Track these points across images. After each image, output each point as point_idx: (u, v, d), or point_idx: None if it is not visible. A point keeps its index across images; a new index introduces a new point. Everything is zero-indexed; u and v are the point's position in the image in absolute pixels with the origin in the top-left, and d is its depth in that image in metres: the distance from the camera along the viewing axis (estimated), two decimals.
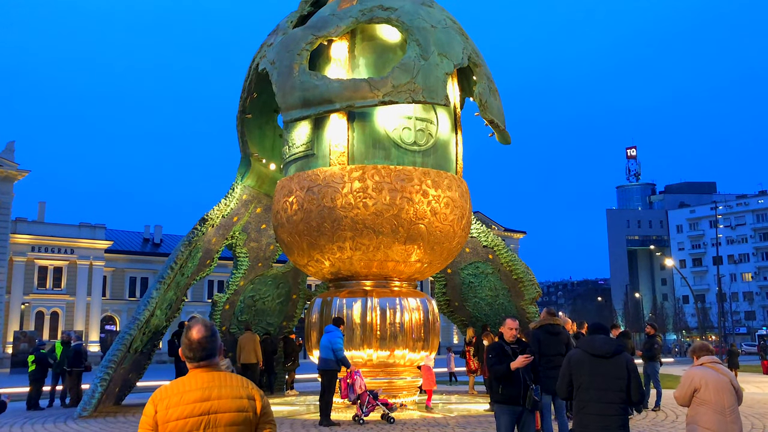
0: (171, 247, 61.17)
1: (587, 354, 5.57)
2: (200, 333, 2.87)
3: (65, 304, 49.97)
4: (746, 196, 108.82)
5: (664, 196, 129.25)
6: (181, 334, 10.65)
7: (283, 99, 12.65)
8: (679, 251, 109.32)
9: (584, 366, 5.53)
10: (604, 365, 5.48)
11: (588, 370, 5.49)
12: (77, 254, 50.72)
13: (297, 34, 13.04)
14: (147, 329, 13.56)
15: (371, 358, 13.25)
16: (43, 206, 51.67)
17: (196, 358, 2.85)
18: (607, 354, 5.50)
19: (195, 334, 2.87)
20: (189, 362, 2.88)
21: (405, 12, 12.94)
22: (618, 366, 5.47)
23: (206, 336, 2.87)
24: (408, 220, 12.62)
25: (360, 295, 13.41)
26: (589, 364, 5.51)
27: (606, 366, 5.47)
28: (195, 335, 2.86)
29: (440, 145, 13.50)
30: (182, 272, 14.39)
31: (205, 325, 2.92)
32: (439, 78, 12.55)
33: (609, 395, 5.41)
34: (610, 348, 5.54)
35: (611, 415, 5.39)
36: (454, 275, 17.27)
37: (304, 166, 13.35)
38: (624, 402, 5.46)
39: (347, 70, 13.25)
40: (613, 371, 5.45)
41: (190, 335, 2.87)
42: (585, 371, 5.50)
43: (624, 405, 5.47)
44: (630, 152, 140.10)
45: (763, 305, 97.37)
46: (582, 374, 5.51)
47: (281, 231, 13.59)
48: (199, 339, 2.86)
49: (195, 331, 2.88)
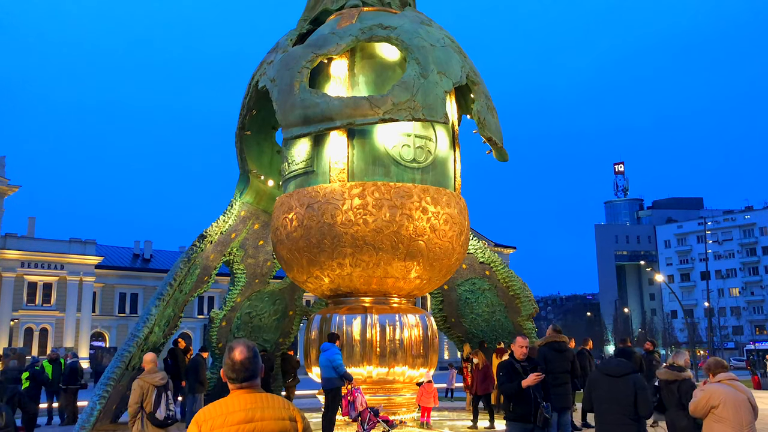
0: (161, 263, 60.94)
1: (602, 374, 6.57)
2: (243, 354, 2.90)
3: (55, 320, 49.59)
4: (733, 211, 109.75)
5: (652, 212, 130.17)
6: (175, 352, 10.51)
7: (283, 116, 12.71)
8: (667, 266, 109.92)
9: (599, 384, 6.51)
10: (615, 384, 6.39)
11: (603, 388, 6.46)
12: (67, 270, 50.41)
13: (297, 52, 13.13)
14: (145, 346, 13.50)
15: (371, 374, 13.25)
16: (33, 222, 51.39)
17: (239, 379, 2.88)
18: (617, 374, 6.44)
19: (238, 355, 2.90)
20: (231, 383, 2.91)
21: (404, 31, 13.07)
22: (627, 385, 6.34)
23: (249, 357, 2.91)
24: (408, 237, 12.67)
25: (359, 312, 13.42)
26: (603, 383, 6.48)
27: (617, 384, 6.38)
28: (238, 356, 2.90)
29: (439, 162, 13.59)
30: (181, 289, 14.36)
31: (247, 346, 2.96)
32: (439, 96, 12.66)
33: (620, 409, 6.31)
34: (621, 369, 6.48)
35: (624, 424, 6.30)
36: (451, 291, 17.31)
37: (303, 182, 13.40)
38: (634, 415, 6.33)
39: (347, 87, 13.34)
40: (623, 389, 6.34)
41: (233, 356, 2.90)
42: (600, 388, 6.48)
43: (635, 417, 6.34)
44: (618, 168, 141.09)
45: (750, 320, 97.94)
46: (598, 390, 6.49)
47: (281, 247, 13.60)
48: (242, 360, 2.90)
49: (237, 352, 2.91)
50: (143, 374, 9.01)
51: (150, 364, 9.09)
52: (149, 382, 8.80)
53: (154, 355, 9.34)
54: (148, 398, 8.71)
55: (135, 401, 8.65)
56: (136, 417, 8.65)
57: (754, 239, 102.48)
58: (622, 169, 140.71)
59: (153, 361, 9.15)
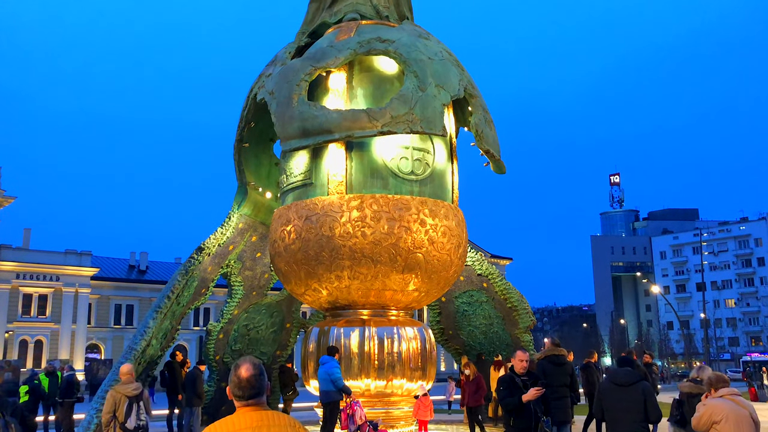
0: (157, 274, 60.79)
1: (612, 383, 6.91)
2: (249, 371, 2.91)
3: (50, 332, 49.39)
4: (728, 222, 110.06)
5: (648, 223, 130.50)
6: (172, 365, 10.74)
7: (282, 129, 12.74)
8: (663, 277, 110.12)
9: (610, 393, 6.89)
10: (625, 392, 6.76)
11: (613, 397, 6.84)
12: (63, 281, 50.25)
13: (296, 65, 13.18)
14: (143, 359, 13.46)
15: (369, 388, 13.21)
16: (28, 233, 51.24)
17: (245, 396, 2.89)
18: (626, 383, 6.79)
19: (244, 372, 2.91)
20: (238, 401, 2.91)
21: (402, 44, 13.14)
22: (635, 392, 6.72)
23: (255, 374, 2.92)
24: (406, 249, 12.68)
25: (357, 325, 13.41)
26: (614, 392, 6.85)
27: (626, 393, 6.75)
28: (244, 373, 2.90)
29: (437, 175, 13.63)
30: (178, 301, 14.33)
31: (253, 363, 2.96)
32: (437, 109, 12.71)
33: (630, 416, 6.71)
34: (629, 378, 6.83)
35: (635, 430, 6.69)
36: (449, 303, 17.31)
37: (302, 195, 13.41)
38: (644, 421, 6.75)
39: (345, 100, 13.38)
40: (632, 397, 6.72)
41: (239, 373, 2.91)
42: (611, 397, 6.85)
43: (644, 423, 6.77)
44: (613, 179, 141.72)
45: (746, 331, 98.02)
46: (609, 400, 6.87)
47: (278, 260, 13.60)
48: (248, 377, 2.90)
49: (244, 369, 2.92)
50: (118, 385, 9.42)
51: (126, 375, 9.48)
52: (122, 392, 9.18)
53: (130, 366, 9.78)
54: (120, 408, 9.08)
55: (108, 411, 9.07)
56: (108, 426, 9.07)
57: (749, 250, 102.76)
58: (617, 180, 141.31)
59: (129, 372, 9.55)
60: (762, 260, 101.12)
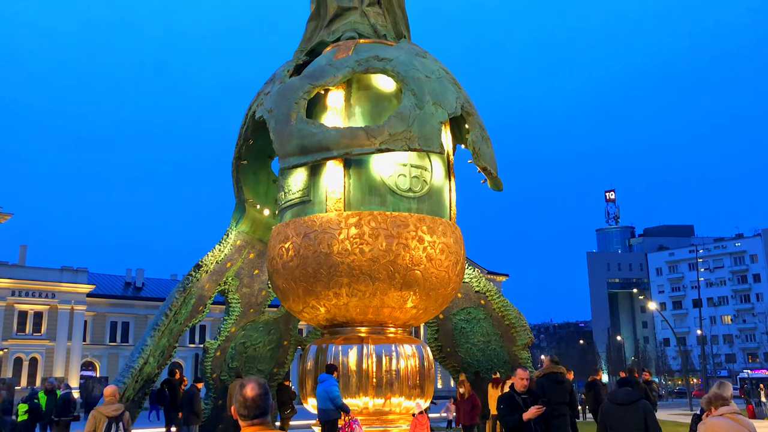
0: (153, 291, 60.63)
1: (613, 403, 7.20)
2: (254, 391, 2.93)
3: (45, 349, 49.11)
4: (723, 239, 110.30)
5: (643, 239, 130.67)
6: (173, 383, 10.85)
7: (281, 146, 12.79)
8: (659, 294, 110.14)
9: (611, 412, 7.15)
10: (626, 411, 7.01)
11: (614, 416, 7.09)
12: (58, 298, 50.07)
13: (294, 83, 13.26)
14: (140, 377, 13.42)
15: (367, 406, 13.16)
16: (24, 249, 51.14)
17: (250, 416, 2.91)
18: (627, 402, 7.04)
19: (249, 392, 2.93)
20: (243, 420, 2.93)
21: (400, 62, 13.24)
22: (636, 411, 6.97)
23: (260, 394, 2.93)
24: (404, 266, 12.69)
25: (356, 342, 13.38)
26: (615, 411, 7.11)
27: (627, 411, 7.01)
28: (249, 393, 2.92)
29: (435, 192, 13.67)
30: (176, 319, 14.31)
31: (259, 383, 2.98)
32: (434, 127, 12.80)
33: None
34: (630, 398, 7.06)
35: None
36: (446, 321, 17.29)
37: (300, 212, 13.43)
38: None
39: (343, 118, 13.45)
40: (633, 416, 6.97)
41: (245, 393, 2.93)
42: (612, 417, 7.10)
43: None
44: (609, 195, 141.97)
45: (743, 348, 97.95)
46: (611, 419, 7.11)
47: (277, 277, 13.59)
48: (254, 397, 2.92)
49: (249, 389, 2.93)
50: (100, 405, 9.57)
51: (109, 396, 9.63)
52: (103, 413, 9.33)
53: (114, 388, 9.90)
54: (99, 428, 9.22)
55: (88, 431, 9.21)
56: None
57: (744, 267, 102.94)
58: (613, 197, 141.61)
59: (112, 394, 9.69)
60: (758, 276, 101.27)
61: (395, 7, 15.64)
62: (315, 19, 15.46)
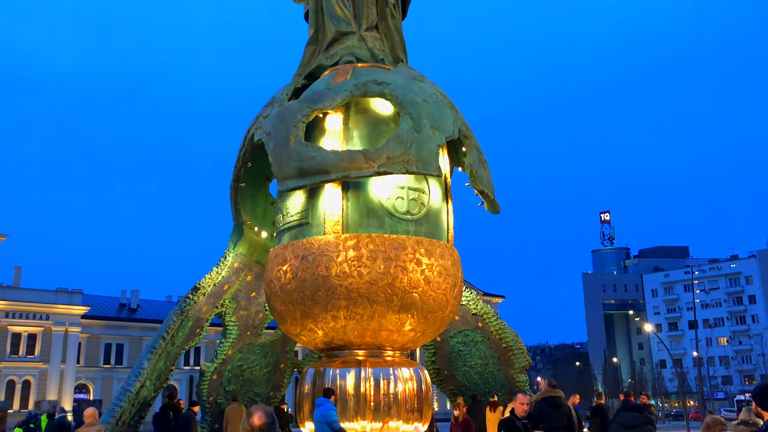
0: (148, 313, 60.35)
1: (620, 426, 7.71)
2: (261, 420, 2.94)
3: (38, 371, 48.74)
4: (719, 260, 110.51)
5: (639, 260, 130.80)
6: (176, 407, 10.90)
7: (279, 169, 12.84)
8: (655, 315, 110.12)
9: None
10: None
11: None
12: (53, 320, 49.80)
13: (293, 107, 13.35)
14: (137, 401, 13.34)
15: (365, 430, 13.09)
16: (19, 271, 50.88)
17: None
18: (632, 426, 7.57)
19: (257, 420, 2.94)
20: None
21: (398, 86, 13.35)
22: None
23: (267, 422, 2.95)
24: (402, 289, 12.69)
25: (353, 365, 13.33)
26: None
27: None
28: (257, 422, 2.94)
29: (432, 214, 13.71)
30: (173, 342, 14.26)
31: (266, 411, 3.00)
32: (432, 150, 12.88)
33: None
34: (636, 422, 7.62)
35: None
36: (444, 343, 17.27)
37: (298, 234, 13.45)
38: None
39: (342, 141, 13.52)
40: None
41: (252, 422, 2.94)
42: None
43: None
44: (604, 216, 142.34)
45: (739, 369, 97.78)
46: None
47: (274, 300, 13.57)
48: (261, 425, 2.93)
49: (256, 417, 2.95)
50: (80, 428, 9.61)
51: (89, 418, 9.64)
52: None
53: (93, 410, 9.92)
54: None
55: None
56: None
57: (740, 288, 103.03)
58: (608, 218, 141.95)
59: (92, 416, 9.70)
60: (753, 298, 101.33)
61: (393, 32, 15.78)
62: (313, 44, 15.59)
